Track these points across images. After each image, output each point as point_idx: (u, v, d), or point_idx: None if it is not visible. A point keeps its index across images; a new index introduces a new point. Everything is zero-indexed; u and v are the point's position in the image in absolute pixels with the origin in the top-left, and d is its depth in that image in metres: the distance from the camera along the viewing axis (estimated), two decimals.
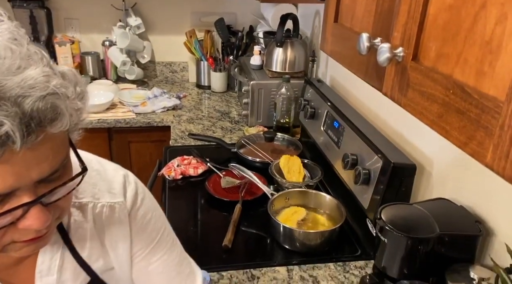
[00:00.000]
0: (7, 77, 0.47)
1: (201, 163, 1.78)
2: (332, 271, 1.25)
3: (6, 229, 0.55)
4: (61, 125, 0.52)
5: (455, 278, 0.92)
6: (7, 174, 0.50)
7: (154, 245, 0.83)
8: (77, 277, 0.75)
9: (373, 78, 0.72)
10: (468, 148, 0.49)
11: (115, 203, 0.76)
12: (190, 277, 0.88)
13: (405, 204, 1.07)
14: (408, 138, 1.33)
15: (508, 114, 0.43)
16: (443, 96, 0.53)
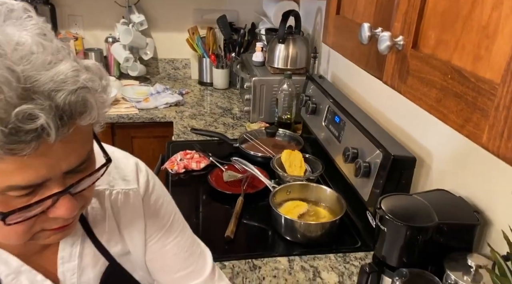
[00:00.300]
0: (41, 72, 0.49)
1: (203, 158, 1.80)
2: (332, 261, 1.27)
3: (37, 218, 0.58)
4: (90, 118, 0.54)
5: (453, 266, 0.94)
6: (40, 166, 0.52)
7: (167, 228, 0.86)
8: (96, 262, 0.78)
9: (374, 67, 0.74)
10: (465, 130, 0.51)
11: (129, 189, 0.79)
12: (201, 257, 0.91)
13: (404, 195, 1.09)
14: (409, 132, 1.35)
15: (503, 95, 0.45)
16: (441, 81, 0.55)
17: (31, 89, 0.48)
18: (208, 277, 0.89)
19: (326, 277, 1.21)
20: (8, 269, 0.69)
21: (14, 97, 0.47)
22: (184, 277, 0.87)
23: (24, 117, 0.47)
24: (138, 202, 0.81)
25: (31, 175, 0.52)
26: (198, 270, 0.89)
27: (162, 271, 0.87)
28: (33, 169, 0.52)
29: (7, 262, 0.69)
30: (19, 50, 0.50)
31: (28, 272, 0.71)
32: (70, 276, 0.76)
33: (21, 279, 0.71)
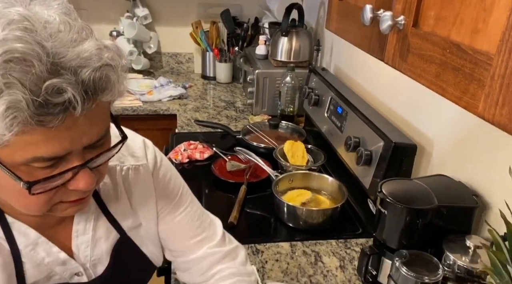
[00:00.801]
0: (68, 49, 0.53)
1: (207, 148, 1.83)
2: (333, 247, 1.30)
3: (57, 190, 0.62)
4: (111, 95, 0.58)
5: (452, 247, 0.96)
6: (64, 139, 0.56)
7: (177, 200, 0.90)
8: (108, 235, 0.82)
9: (376, 49, 0.76)
10: (463, 101, 0.53)
11: (139, 165, 0.83)
12: (212, 224, 0.96)
13: (405, 179, 1.11)
14: (410, 121, 1.38)
15: (498, 64, 0.47)
16: (440, 56, 0.58)
17: (59, 64, 0.51)
18: (219, 241, 0.94)
19: (327, 261, 1.23)
20: (27, 240, 0.73)
21: (44, 71, 0.50)
22: (197, 243, 0.92)
23: (53, 90, 0.50)
24: (148, 177, 0.85)
25: (55, 147, 0.55)
26: (210, 236, 0.94)
27: (176, 240, 0.92)
28: (58, 141, 0.55)
29: (26, 234, 0.73)
30: (48, 27, 0.53)
31: (44, 244, 0.75)
32: (84, 249, 0.79)
33: (38, 250, 0.74)
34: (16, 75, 0.49)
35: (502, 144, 0.99)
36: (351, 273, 1.19)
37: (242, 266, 0.95)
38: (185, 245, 0.92)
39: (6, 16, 0.51)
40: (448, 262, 0.95)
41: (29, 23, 0.52)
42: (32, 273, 0.74)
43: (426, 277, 0.92)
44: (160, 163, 0.88)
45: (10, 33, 0.50)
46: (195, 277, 0.94)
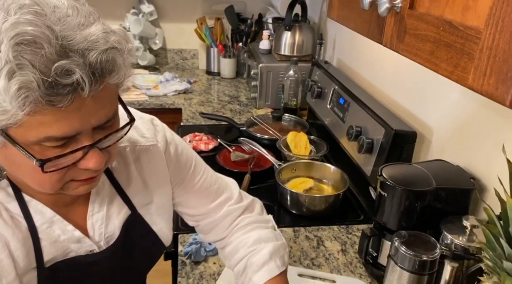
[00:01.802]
0: (76, 32, 0.56)
1: (212, 140, 1.87)
2: (335, 232, 1.33)
3: (69, 168, 0.65)
4: (118, 77, 0.61)
5: (449, 227, 0.99)
6: (74, 119, 0.59)
7: (193, 170, 0.96)
8: (120, 210, 0.85)
9: (375, 32, 0.80)
10: (454, 75, 0.57)
11: (149, 145, 0.87)
12: (228, 187, 1.03)
13: (405, 164, 1.14)
14: (411, 110, 1.41)
15: (486, 37, 0.51)
16: (434, 35, 0.61)
17: (67, 47, 0.54)
18: (237, 199, 1.01)
19: (329, 245, 1.27)
20: (43, 218, 0.76)
21: (53, 53, 0.53)
22: (218, 205, 0.98)
23: (62, 71, 0.53)
24: (160, 156, 0.89)
25: (66, 127, 0.58)
26: (229, 196, 1.00)
27: (198, 206, 0.98)
28: (68, 121, 0.58)
29: (42, 212, 0.76)
30: (56, 12, 0.56)
31: (60, 222, 0.78)
32: (98, 226, 0.83)
33: (54, 228, 0.77)
34: (27, 57, 0.52)
35: (497, 129, 1.02)
36: (352, 256, 1.23)
37: (260, 216, 1.03)
38: (208, 208, 0.98)
39: (18, 1, 0.55)
40: (446, 241, 0.98)
41: (39, 7, 0.55)
42: (49, 250, 0.77)
43: (424, 256, 0.95)
44: (170, 139, 0.92)
45: (21, 16, 0.53)
46: (220, 233, 1.00)
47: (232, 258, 0.97)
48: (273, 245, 0.94)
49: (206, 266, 1.17)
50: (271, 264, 0.91)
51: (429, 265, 0.96)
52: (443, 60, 0.59)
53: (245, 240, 0.95)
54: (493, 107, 1.04)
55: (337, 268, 1.18)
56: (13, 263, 0.72)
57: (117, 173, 0.85)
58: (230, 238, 0.99)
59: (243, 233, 0.97)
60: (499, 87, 0.49)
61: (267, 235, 0.97)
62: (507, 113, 1.00)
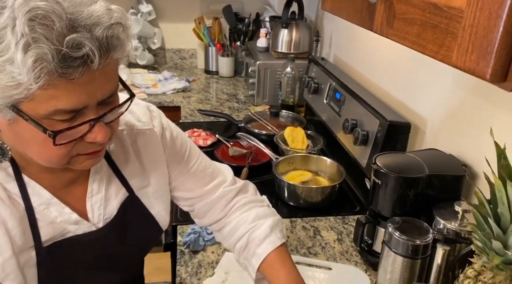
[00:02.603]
0: (82, 9, 0.59)
1: (210, 135, 1.89)
2: (332, 222, 1.35)
3: (76, 142, 0.68)
4: (122, 52, 0.64)
5: (442, 213, 1.02)
6: (82, 93, 0.62)
7: (187, 155, 0.99)
8: (118, 192, 0.88)
9: (366, 20, 0.82)
10: (439, 55, 0.59)
11: (145, 129, 0.90)
12: (221, 171, 1.06)
13: (398, 153, 1.17)
14: (405, 103, 1.43)
15: (468, 16, 0.53)
16: (421, 17, 0.64)
17: (76, 22, 0.58)
18: (231, 181, 1.04)
19: (326, 235, 1.29)
20: (40, 199, 0.78)
21: (64, 28, 0.57)
22: (213, 187, 1.01)
23: (73, 45, 0.57)
24: (157, 140, 0.92)
25: (75, 100, 0.62)
26: (223, 179, 1.03)
27: (193, 189, 1.00)
28: (77, 95, 0.62)
29: (40, 193, 0.78)
30: None
31: (57, 205, 0.80)
32: (97, 208, 0.85)
33: (51, 210, 0.80)
34: (41, 31, 0.55)
35: (487, 116, 1.05)
36: (348, 245, 1.25)
37: (254, 196, 1.07)
38: (203, 190, 1.01)
39: None
40: (438, 226, 1.01)
41: None
42: (46, 230, 0.79)
43: (418, 240, 0.98)
44: (166, 125, 0.95)
45: None
46: (215, 215, 1.02)
47: (232, 237, 0.99)
48: (272, 219, 0.98)
49: (204, 255, 1.19)
50: (272, 236, 0.94)
51: (422, 250, 0.99)
52: (429, 41, 0.62)
53: (245, 218, 0.98)
54: (482, 94, 1.07)
55: (333, 257, 1.20)
56: (10, 241, 0.74)
57: (115, 155, 0.87)
58: (228, 218, 1.02)
59: (242, 212, 1.00)
60: (480, 62, 0.51)
61: (265, 211, 1.01)
62: (495, 99, 1.03)
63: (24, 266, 0.77)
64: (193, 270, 1.14)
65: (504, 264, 0.80)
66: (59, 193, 0.81)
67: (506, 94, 1.00)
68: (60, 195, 0.81)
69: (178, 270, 1.14)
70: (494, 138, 0.80)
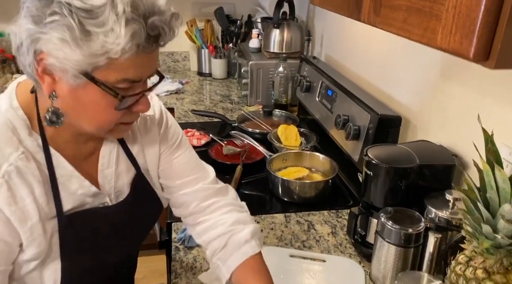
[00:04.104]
0: (151, 2, 0.69)
1: (204, 135, 1.90)
2: (325, 216, 1.36)
3: (124, 112, 0.78)
4: (170, 38, 0.74)
5: (433, 202, 1.03)
6: (144, 66, 0.74)
7: (177, 144, 1.03)
8: (128, 169, 0.95)
9: (354, 10, 0.84)
10: (425, 38, 0.61)
11: (147, 116, 0.96)
12: (205, 169, 1.08)
13: (389, 145, 1.18)
14: (396, 98, 1.45)
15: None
16: (406, 2, 0.65)
17: (151, 9, 0.69)
18: (212, 180, 1.06)
19: (320, 228, 1.30)
20: (63, 171, 0.84)
21: (146, 11, 0.68)
22: (193, 180, 1.04)
23: (152, 26, 0.68)
24: (154, 126, 0.98)
25: (139, 72, 0.73)
26: (204, 176, 1.05)
27: (174, 177, 1.03)
28: (141, 68, 0.73)
29: (64, 166, 0.84)
30: None
31: (78, 177, 0.86)
32: (108, 181, 0.92)
33: (72, 182, 0.85)
34: (136, 11, 0.67)
35: (476, 106, 1.07)
36: (342, 238, 1.26)
37: (234, 200, 1.08)
38: (183, 181, 1.02)
39: None
40: (430, 215, 1.02)
41: None
42: (68, 200, 0.85)
43: (410, 229, 0.99)
44: (164, 114, 1.01)
45: None
46: (190, 208, 1.04)
47: (207, 234, 1.01)
48: (253, 226, 0.99)
49: (199, 250, 1.20)
50: (252, 242, 0.96)
51: (415, 238, 1.00)
52: (414, 26, 0.63)
53: (224, 220, 1.00)
54: (470, 85, 1.09)
55: (328, 249, 1.21)
56: (37, 208, 0.79)
57: (125, 136, 0.94)
58: (205, 216, 1.03)
59: (221, 214, 1.02)
60: (463, 42, 0.53)
61: (245, 218, 1.02)
62: (482, 89, 1.04)
63: (48, 233, 0.82)
64: (188, 266, 1.15)
65: (494, 248, 0.82)
66: (78, 165, 0.87)
67: (493, 84, 1.02)
68: (79, 166, 0.87)
69: (173, 265, 1.15)
70: (482, 125, 0.82)
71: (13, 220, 0.77)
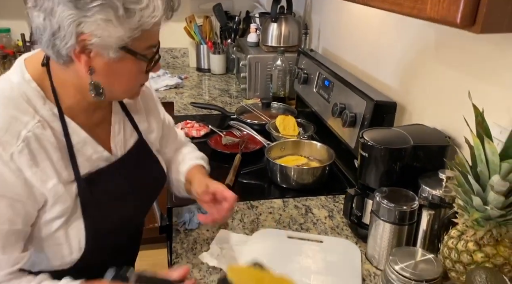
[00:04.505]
0: None
1: (203, 127, 1.92)
2: (323, 201, 1.39)
3: (143, 73, 0.91)
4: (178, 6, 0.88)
5: (427, 181, 1.06)
6: (158, 32, 0.88)
7: (163, 111, 1.25)
8: (131, 135, 1.08)
9: None
10: (415, 9, 0.64)
11: (144, 87, 1.05)
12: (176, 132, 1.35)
13: (384, 128, 1.21)
14: (392, 85, 1.48)
15: None
16: None
17: None
18: (180, 136, 1.37)
19: (317, 212, 1.33)
20: (78, 137, 0.93)
21: None
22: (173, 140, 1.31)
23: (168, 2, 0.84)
24: (152, 95, 1.17)
25: (157, 38, 0.89)
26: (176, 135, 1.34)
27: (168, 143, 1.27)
28: (158, 35, 0.88)
29: (78, 133, 0.93)
30: None
31: (91, 143, 0.96)
32: (119, 147, 1.03)
33: (87, 147, 0.95)
34: None
35: (467, 88, 1.10)
36: (339, 221, 1.29)
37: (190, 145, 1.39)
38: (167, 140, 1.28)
39: None
40: (424, 194, 1.05)
41: None
42: (84, 165, 0.94)
43: (404, 206, 1.02)
44: (152, 87, 1.19)
45: None
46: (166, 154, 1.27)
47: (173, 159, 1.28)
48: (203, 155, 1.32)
49: (199, 232, 1.22)
50: (205, 158, 1.30)
51: (409, 216, 1.03)
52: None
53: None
54: (462, 68, 1.12)
55: (325, 231, 1.24)
56: (56, 172, 0.87)
57: (128, 104, 1.07)
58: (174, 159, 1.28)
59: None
60: (451, 8, 0.56)
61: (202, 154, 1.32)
62: (474, 71, 1.08)
63: (71, 194, 0.91)
64: (189, 246, 1.17)
65: (483, 220, 0.85)
66: (92, 131, 0.96)
67: (484, 66, 1.05)
68: (92, 132, 0.96)
69: (174, 246, 1.17)
70: (472, 101, 0.85)
71: (35, 181, 0.84)
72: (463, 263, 0.88)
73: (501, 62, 0.99)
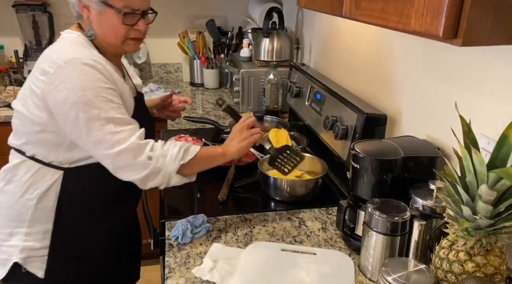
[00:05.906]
0: None
1: (196, 140, 1.93)
2: (316, 213, 1.40)
3: (129, 28, 1.18)
4: None
5: (418, 192, 1.07)
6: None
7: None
8: (131, 86, 1.35)
9: (336, 7, 0.89)
10: (401, 24, 0.66)
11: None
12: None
13: (375, 140, 1.22)
14: (381, 98, 1.50)
15: None
16: None
17: None
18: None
19: (311, 225, 1.33)
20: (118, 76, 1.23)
21: None
22: None
23: None
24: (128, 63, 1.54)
25: (136, 2, 1.16)
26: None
27: None
28: (138, 1, 1.17)
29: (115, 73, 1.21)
30: None
31: (122, 81, 1.25)
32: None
33: (125, 84, 1.25)
34: None
35: (454, 99, 1.11)
36: (332, 233, 1.29)
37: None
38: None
39: None
40: (415, 205, 1.06)
41: None
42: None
43: (396, 217, 1.03)
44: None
45: None
46: None
47: None
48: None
49: (193, 246, 1.22)
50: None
51: (401, 227, 1.03)
52: (391, 13, 0.68)
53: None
54: (450, 80, 1.14)
55: (318, 244, 1.24)
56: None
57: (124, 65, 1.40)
58: None
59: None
60: (433, 22, 0.57)
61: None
62: (463, 84, 1.09)
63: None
64: (182, 261, 1.17)
65: (473, 230, 0.86)
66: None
67: (471, 77, 1.07)
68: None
69: (167, 261, 1.17)
70: (459, 113, 0.87)
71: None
72: (455, 273, 0.89)
73: (487, 74, 1.01)
